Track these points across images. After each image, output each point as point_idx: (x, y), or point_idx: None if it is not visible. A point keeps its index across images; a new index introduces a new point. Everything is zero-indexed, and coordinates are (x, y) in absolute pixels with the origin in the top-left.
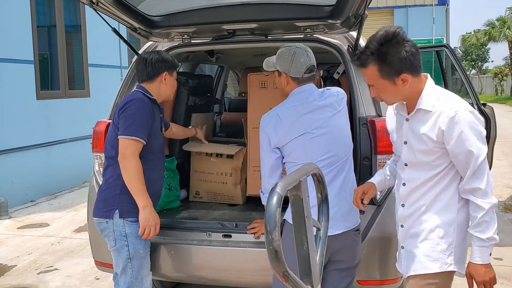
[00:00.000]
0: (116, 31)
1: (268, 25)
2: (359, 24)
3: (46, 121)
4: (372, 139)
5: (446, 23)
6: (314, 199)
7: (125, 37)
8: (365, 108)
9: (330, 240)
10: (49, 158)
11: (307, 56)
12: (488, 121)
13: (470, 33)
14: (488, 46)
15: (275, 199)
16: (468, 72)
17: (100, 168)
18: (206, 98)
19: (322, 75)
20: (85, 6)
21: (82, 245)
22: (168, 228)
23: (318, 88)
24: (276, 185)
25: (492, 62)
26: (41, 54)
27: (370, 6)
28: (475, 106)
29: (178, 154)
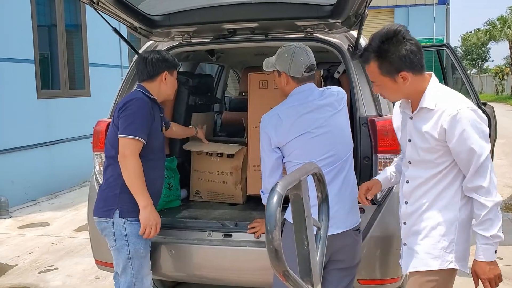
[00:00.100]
0: (116, 31)
1: (268, 24)
2: (360, 23)
3: (46, 120)
4: (372, 139)
5: (446, 23)
6: (315, 199)
7: (125, 36)
8: (365, 107)
9: (331, 239)
10: (49, 158)
11: (307, 55)
12: (488, 120)
13: (471, 32)
14: (488, 46)
15: (276, 199)
16: (468, 71)
17: (100, 167)
18: (206, 98)
19: (322, 75)
20: (85, 5)
21: (82, 244)
22: (168, 227)
23: (318, 87)
24: (276, 184)
25: (492, 61)
26: (41, 53)
27: (371, 5)
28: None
29: (179, 153)
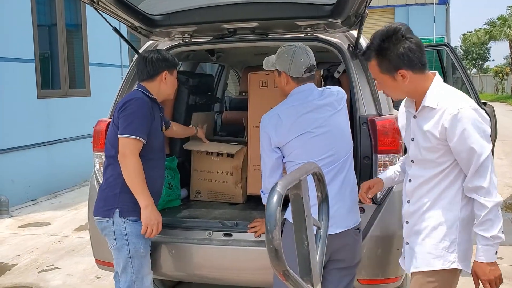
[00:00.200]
0: (116, 30)
1: (268, 24)
2: (360, 23)
3: (46, 120)
4: (372, 138)
5: (447, 22)
6: (314, 198)
7: (125, 36)
8: (365, 107)
9: (330, 239)
10: (49, 157)
11: (307, 55)
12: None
13: (471, 32)
14: (489, 45)
15: (276, 198)
16: (468, 71)
17: (100, 167)
18: (206, 97)
19: (322, 74)
20: (85, 5)
21: (82, 244)
22: (168, 227)
23: (318, 87)
24: (276, 184)
25: (493, 61)
26: (41, 53)
27: (371, 5)
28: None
29: (179, 153)
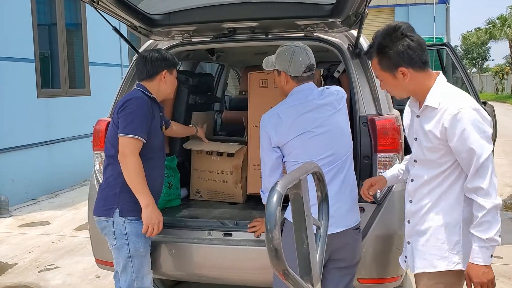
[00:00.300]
0: (116, 30)
1: (268, 23)
2: (360, 22)
3: (46, 119)
4: (372, 138)
5: (446, 22)
6: (314, 198)
7: (125, 35)
8: (365, 106)
9: (330, 238)
10: (50, 157)
11: (306, 55)
12: None
13: (471, 31)
14: (488, 45)
15: (275, 198)
16: (468, 70)
17: (100, 166)
18: (206, 97)
19: (322, 74)
20: (85, 4)
21: (82, 243)
22: (168, 226)
23: (318, 86)
24: (276, 183)
25: (492, 60)
26: (41, 52)
27: (371, 4)
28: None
29: (179, 152)
